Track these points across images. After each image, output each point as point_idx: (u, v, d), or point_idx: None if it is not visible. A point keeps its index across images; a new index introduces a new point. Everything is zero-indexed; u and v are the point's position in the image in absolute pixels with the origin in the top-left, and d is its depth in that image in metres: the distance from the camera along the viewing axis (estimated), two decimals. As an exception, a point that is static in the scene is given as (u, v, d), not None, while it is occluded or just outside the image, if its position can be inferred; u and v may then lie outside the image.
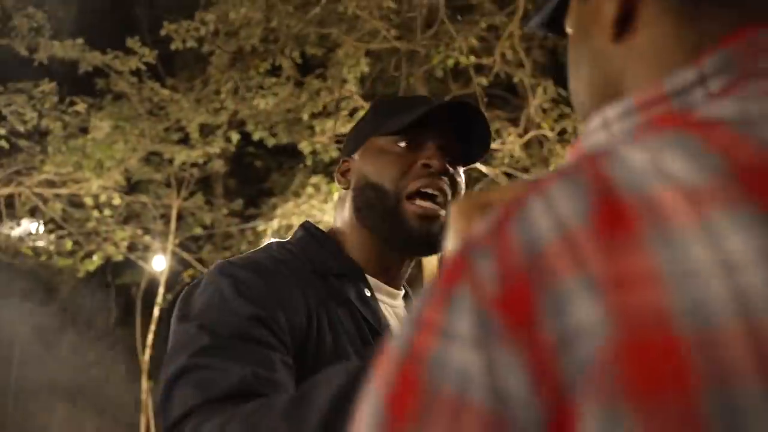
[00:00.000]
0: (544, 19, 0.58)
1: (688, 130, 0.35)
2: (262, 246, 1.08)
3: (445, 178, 1.04)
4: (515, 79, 6.24)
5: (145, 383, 6.73)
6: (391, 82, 7.20)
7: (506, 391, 0.31)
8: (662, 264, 0.29)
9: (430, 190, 1.03)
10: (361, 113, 6.61)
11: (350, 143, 1.14)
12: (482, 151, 1.10)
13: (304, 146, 6.76)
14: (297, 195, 6.98)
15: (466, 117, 1.05)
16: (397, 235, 1.05)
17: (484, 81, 6.08)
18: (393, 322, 1.10)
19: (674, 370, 0.28)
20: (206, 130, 6.68)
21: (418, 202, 1.03)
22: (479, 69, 6.25)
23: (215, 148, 6.47)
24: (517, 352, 0.31)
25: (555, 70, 6.65)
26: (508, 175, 6.73)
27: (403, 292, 1.14)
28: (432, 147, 1.04)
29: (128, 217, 7.03)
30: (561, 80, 6.13)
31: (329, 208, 6.54)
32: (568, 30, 0.54)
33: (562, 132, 5.91)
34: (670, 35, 0.44)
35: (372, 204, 1.05)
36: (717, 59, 0.41)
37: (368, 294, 1.06)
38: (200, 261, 7.50)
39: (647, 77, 0.45)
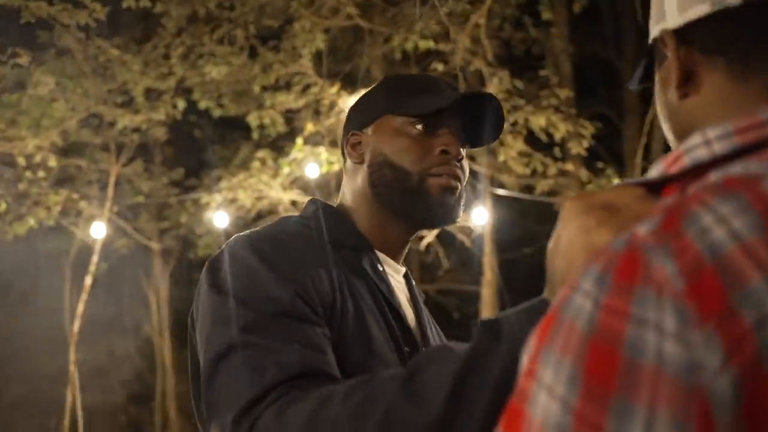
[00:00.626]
0: (639, 76, 0.69)
1: None
2: (276, 221, 1.08)
3: (459, 163, 1.08)
4: (471, 68, 6.29)
5: (72, 355, 6.46)
6: (346, 60, 7.13)
7: (702, 364, 0.38)
8: None
9: (445, 175, 1.06)
10: (314, 90, 6.54)
11: (360, 117, 1.14)
12: (493, 139, 1.15)
13: (252, 119, 6.61)
14: (242, 168, 6.82)
15: (480, 105, 1.10)
16: (418, 210, 1.07)
17: (440, 67, 6.12)
18: (401, 295, 1.13)
19: None
20: (152, 95, 6.41)
21: (439, 175, 1.06)
22: (437, 55, 6.27)
23: (160, 114, 6.22)
24: (710, 333, 0.39)
25: (510, 61, 6.76)
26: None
27: (404, 269, 1.17)
28: (449, 133, 1.07)
29: (62, 180, 6.68)
30: (516, 72, 6.24)
31: (277, 184, 6.43)
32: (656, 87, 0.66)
33: (514, 123, 6.02)
34: (728, 90, 0.55)
35: (390, 182, 1.07)
36: None
37: (380, 268, 1.09)
38: (136, 230, 7.23)
39: (712, 123, 0.55)
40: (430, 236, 6.29)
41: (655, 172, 0.58)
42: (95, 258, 6.40)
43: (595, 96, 9.12)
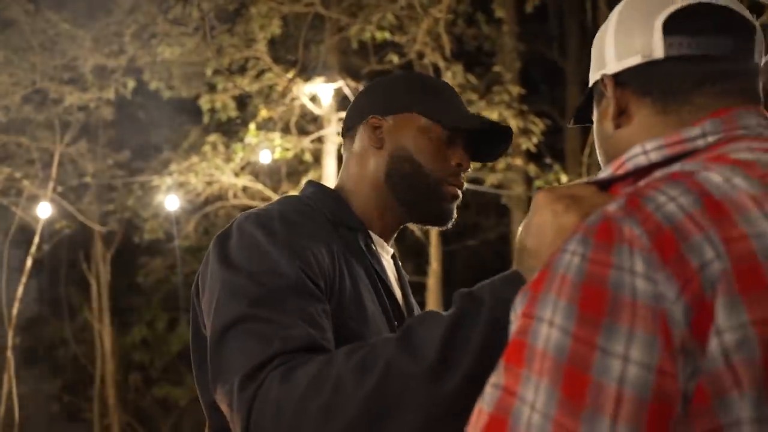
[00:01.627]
0: (576, 116, 0.89)
1: (736, 164, 0.62)
2: (278, 200, 1.12)
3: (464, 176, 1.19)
4: (425, 61, 6.39)
5: (10, 339, 6.23)
6: (297, 46, 7.09)
7: (663, 295, 0.54)
8: (747, 231, 0.56)
9: (456, 186, 1.17)
10: (269, 75, 6.49)
11: (383, 103, 1.18)
12: (490, 161, 1.28)
13: (204, 102, 6.52)
14: (192, 152, 6.72)
15: (495, 132, 1.19)
16: (428, 208, 1.16)
17: (395, 59, 6.19)
18: (390, 274, 1.19)
19: (759, 277, 0.55)
20: (101, 73, 6.23)
21: (453, 186, 1.16)
22: (394, 46, 6.34)
23: (110, 93, 6.06)
24: (669, 274, 0.55)
25: (461, 56, 6.89)
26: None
27: (392, 251, 1.24)
28: (464, 148, 1.17)
29: (1, 157, 6.41)
30: (467, 67, 6.38)
31: (229, 169, 6.37)
32: (594, 119, 0.84)
33: (466, 117, 6.14)
34: (654, 123, 0.74)
35: (407, 176, 1.14)
36: (710, 123, 0.70)
37: (373, 247, 1.15)
38: (80, 211, 7.02)
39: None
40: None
41: (604, 174, 0.75)
42: (36, 239, 6.18)
43: (539, 94, 9.39)
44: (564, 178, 6.36)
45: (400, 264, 1.25)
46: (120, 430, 8.45)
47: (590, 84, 0.83)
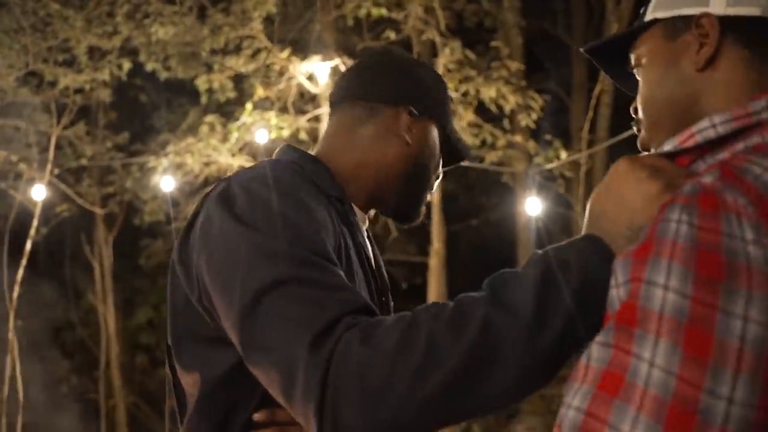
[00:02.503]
0: (600, 47, 0.88)
1: None
2: (266, 162, 1.04)
3: None
4: (423, 37, 6.29)
5: (12, 322, 6.27)
6: (295, 24, 7.01)
7: None
8: None
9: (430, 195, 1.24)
10: (264, 54, 6.42)
11: (423, 100, 1.16)
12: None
13: (201, 83, 6.47)
14: (190, 133, 6.68)
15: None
16: (410, 206, 1.20)
17: (392, 35, 6.10)
18: (369, 247, 1.17)
19: None
20: (95, 55, 6.19)
21: (429, 194, 1.22)
22: (390, 23, 6.24)
23: (105, 75, 6.02)
24: None
25: (461, 33, 6.78)
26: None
27: (367, 220, 1.22)
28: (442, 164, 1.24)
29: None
30: (465, 43, 6.27)
31: (225, 149, 6.32)
32: (640, 60, 0.84)
33: (465, 94, 6.07)
34: (740, 75, 0.76)
35: (420, 179, 1.18)
36: None
37: (356, 221, 1.12)
38: (79, 194, 7.02)
39: (721, 100, 0.77)
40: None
41: (669, 146, 0.77)
42: (35, 222, 6.19)
43: (544, 72, 9.26)
44: (564, 155, 6.27)
45: (372, 239, 1.24)
46: (126, 411, 8.54)
47: (656, 16, 0.82)
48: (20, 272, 6.18)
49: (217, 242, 0.91)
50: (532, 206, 4.87)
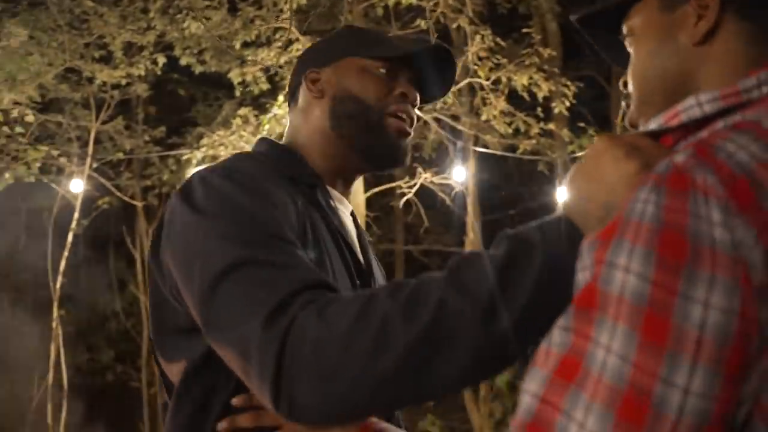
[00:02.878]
0: (592, 15, 0.83)
1: None
2: (230, 157, 1.09)
3: (412, 110, 1.17)
4: (454, 25, 6.21)
5: (55, 311, 6.49)
6: (328, 16, 7.02)
7: (742, 242, 0.56)
8: None
9: (404, 115, 1.15)
10: (296, 46, 6.44)
11: (320, 56, 1.19)
12: (441, 95, 1.25)
13: (234, 76, 6.54)
14: (225, 126, 6.77)
15: (436, 59, 1.18)
16: (375, 146, 1.14)
17: (423, 24, 6.04)
18: (351, 231, 1.17)
19: None
20: (131, 50, 6.31)
21: (397, 119, 1.14)
22: (419, 11, 6.19)
23: (140, 70, 6.14)
24: (746, 220, 0.56)
25: (492, 19, 6.68)
26: (438, 121, 6.78)
27: (351, 207, 1.21)
28: (407, 79, 1.16)
29: (41, 136, 6.61)
30: (499, 30, 6.17)
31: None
32: (633, 31, 0.79)
33: (497, 82, 5.98)
34: (738, 50, 0.71)
35: (353, 115, 1.12)
36: (766, 73, 0.68)
37: (333, 204, 1.13)
38: (117, 187, 7.20)
39: (716, 77, 0.72)
40: (410, 193, 6.30)
41: (654, 125, 0.73)
42: (76, 215, 6.38)
43: (583, 58, 9.06)
44: (598, 143, 6.11)
45: (358, 221, 1.23)
46: (164, 399, 8.74)
47: None
48: (62, 263, 6.38)
49: (178, 235, 0.94)
50: (563, 195, 4.76)
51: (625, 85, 0.85)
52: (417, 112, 1.18)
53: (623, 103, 0.88)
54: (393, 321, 0.77)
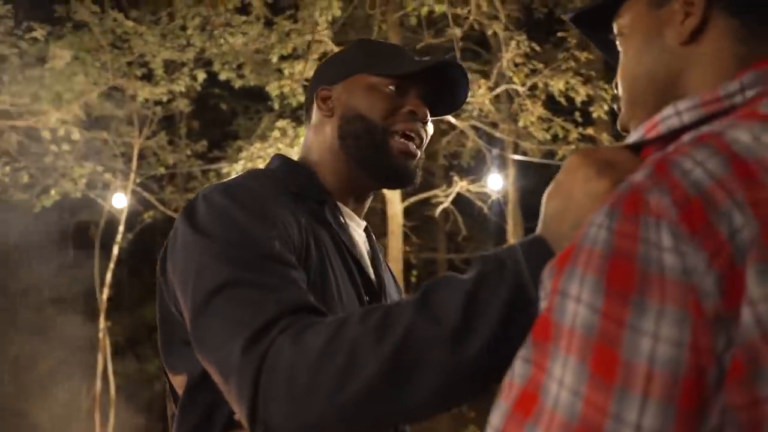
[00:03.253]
0: (586, 13, 0.79)
1: (765, 120, 0.58)
2: (242, 174, 1.10)
3: (423, 126, 1.14)
4: (489, 32, 6.17)
5: (102, 323, 6.67)
6: (363, 27, 7.06)
7: (693, 268, 0.52)
8: None
9: (412, 134, 1.13)
10: (331, 58, 6.45)
11: (331, 73, 1.18)
12: (453, 110, 1.22)
13: (272, 89, 6.63)
14: (263, 139, 6.87)
15: (449, 75, 1.16)
16: (380, 166, 1.13)
17: (457, 32, 6.02)
18: (362, 248, 1.16)
19: None
20: (171, 67, 6.48)
21: (402, 140, 1.12)
22: (453, 19, 6.16)
23: (180, 86, 6.29)
24: (698, 245, 0.52)
25: (529, 25, 6.60)
26: (476, 129, 6.72)
27: (365, 223, 1.21)
28: (417, 96, 1.14)
29: (88, 153, 6.84)
30: (535, 36, 6.09)
31: (295, 153, 6.45)
32: (622, 30, 0.76)
33: (533, 87, 5.90)
34: (727, 50, 0.66)
35: (359, 134, 1.12)
36: (750, 76, 0.63)
37: (342, 220, 1.12)
38: (161, 202, 7.37)
39: (703, 78, 0.68)
40: (446, 202, 6.26)
41: (635, 136, 0.69)
42: (121, 228, 6.55)
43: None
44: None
45: (374, 237, 1.22)
46: (172, 410, 8.85)
47: None
48: (108, 275, 6.56)
49: (179, 252, 0.96)
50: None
51: (617, 86, 0.80)
52: (453, 120, 1.19)
53: (615, 106, 0.84)
54: (362, 345, 0.77)
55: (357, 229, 1.17)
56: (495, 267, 0.77)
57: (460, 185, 6.10)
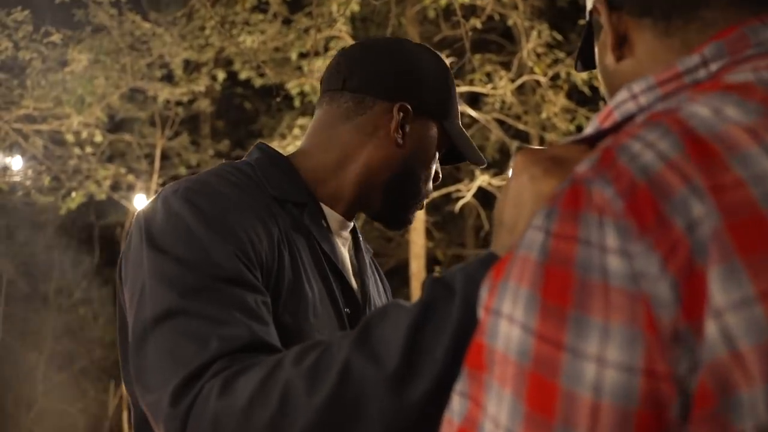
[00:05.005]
0: (582, 57, 0.76)
1: (728, 90, 0.50)
2: (216, 167, 0.98)
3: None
4: (509, 22, 6.05)
5: (129, 322, 6.74)
6: (382, 23, 7.00)
7: (643, 273, 0.43)
8: (743, 175, 0.44)
9: (426, 197, 1.08)
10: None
11: (420, 96, 1.02)
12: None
13: (292, 87, 6.61)
14: (284, 137, 6.86)
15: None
16: (400, 213, 1.07)
17: (477, 24, 5.91)
18: (345, 253, 1.05)
19: (763, 234, 0.43)
20: (191, 68, 6.50)
21: (415, 212, 1.08)
22: (473, 10, 6.05)
23: (200, 86, 6.31)
24: (649, 244, 0.43)
25: (551, 14, 6.46)
26: (500, 122, 6.61)
27: (352, 224, 1.09)
28: (439, 160, 1.07)
29: (112, 155, 6.91)
30: (557, 25, 5.95)
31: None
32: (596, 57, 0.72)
33: (555, 77, 5.77)
34: (659, 45, 0.61)
35: (410, 184, 1.04)
36: (712, 47, 0.56)
37: (325, 225, 1.01)
38: (185, 202, 7.43)
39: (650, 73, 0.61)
40: (468, 196, 6.17)
41: (590, 129, 0.62)
42: (145, 229, 6.60)
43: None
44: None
45: (360, 237, 1.12)
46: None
47: (586, 17, 0.71)
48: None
49: (131, 264, 0.88)
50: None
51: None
52: (474, 113, 1.12)
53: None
54: (294, 392, 0.71)
55: (343, 231, 1.06)
56: (442, 293, 0.69)
57: (482, 179, 6.00)
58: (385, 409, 0.68)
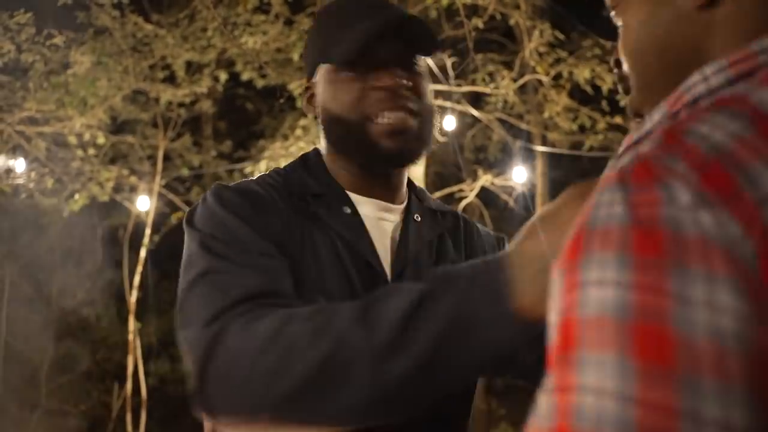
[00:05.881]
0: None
1: None
2: (259, 175, 1.12)
3: (403, 92, 1.02)
4: (511, 22, 6.04)
5: (132, 324, 6.75)
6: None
7: (730, 235, 0.43)
8: None
9: (393, 108, 1.01)
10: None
11: (307, 66, 1.13)
12: (433, 48, 1.07)
13: (295, 87, 6.61)
14: (286, 137, 6.86)
15: (407, 26, 1.03)
16: (371, 157, 1.05)
17: (479, 23, 5.90)
18: (377, 233, 1.07)
19: None
20: (194, 69, 6.50)
21: (384, 120, 1.01)
22: (474, 10, 6.05)
23: (202, 88, 6.31)
24: (730, 211, 0.44)
25: (552, 13, 6.44)
26: (502, 122, 6.60)
27: (402, 204, 1.12)
28: (383, 67, 1.01)
29: (115, 157, 6.91)
30: (558, 24, 5.94)
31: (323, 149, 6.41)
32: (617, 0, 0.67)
33: (557, 77, 5.76)
34: (751, 13, 0.58)
35: (340, 134, 1.06)
36: None
37: (348, 211, 1.05)
38: (188, 203, 7.42)
39: (726, 43, 0.58)
40: (470, 196, 6.16)
41: (658, 114, 0.59)
42: (148, 231, 6.61)
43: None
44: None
45: (418, 219, 1.10)
46: None
47: None
48: (137, 278, 6.63)
49: (185, 245, 1.03)
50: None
51: (618, 64, 0.70)
52: (475, 112, 1.10)
53: (620, 87, 0.75)
54: (298, 346, 0.78)
55: (380, 214, 1.08)
56: (445, 283, 0.75)
57: (484, 179, 6.00)
58: (366, 377, 0.74)
